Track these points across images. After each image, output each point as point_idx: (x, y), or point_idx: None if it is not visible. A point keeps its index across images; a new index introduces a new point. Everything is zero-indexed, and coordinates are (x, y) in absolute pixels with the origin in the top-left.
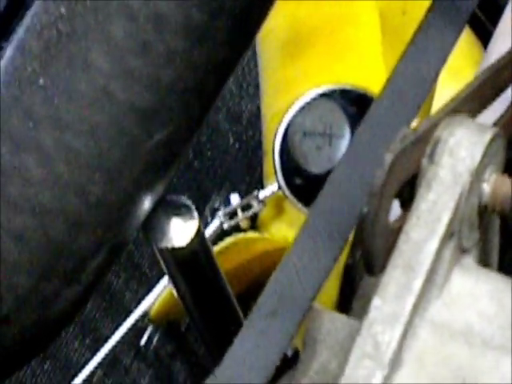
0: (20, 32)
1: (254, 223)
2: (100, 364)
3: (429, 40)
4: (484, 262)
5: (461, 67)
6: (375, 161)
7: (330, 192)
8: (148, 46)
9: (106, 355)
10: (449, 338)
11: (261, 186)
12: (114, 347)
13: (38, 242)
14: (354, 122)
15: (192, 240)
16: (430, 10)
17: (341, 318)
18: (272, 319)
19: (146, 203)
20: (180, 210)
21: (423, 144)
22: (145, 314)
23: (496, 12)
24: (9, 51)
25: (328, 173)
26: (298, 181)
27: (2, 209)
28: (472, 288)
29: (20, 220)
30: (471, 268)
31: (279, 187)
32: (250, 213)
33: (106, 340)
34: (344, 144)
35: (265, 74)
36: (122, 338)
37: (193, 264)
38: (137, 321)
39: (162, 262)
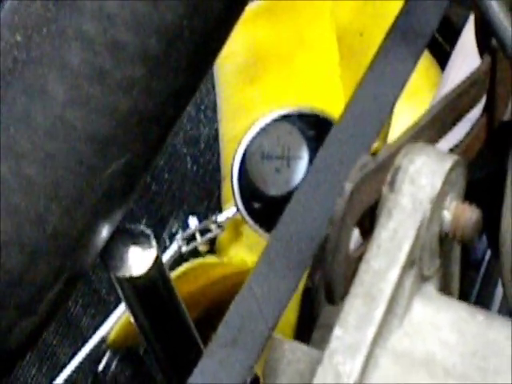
0: None
1: (213, 247)
2: None
3: (387, 65)
4: (445, 289)
5: (418, 88)
6: (335, 187)
7: (289, 220)
8: (105, 74)
9: (64, 381)
10: (410, 368)
11: (219, 209)
12: (72, 373)
13: None
14: (312, 144)
15: (150, 268)
16: (388, 34)
17: (301, 348)
18: (232, 348)
19: (104, 232)
20: (138, 239)
21: (383, 172)
22: (103, 340)
23: (453, 34)
24: None
25: (286, 195)
26: (256, 204)
27: None
28: (433, 317)
29: None
30: (432, 296)
31: (238, 211)
32: (208, 237)
33: (63, 366)
34: (302, 166)
35: (223, 97)
36: (80, 363)
37: (151, 292)
38: (95, 346)
39: (119, 291)
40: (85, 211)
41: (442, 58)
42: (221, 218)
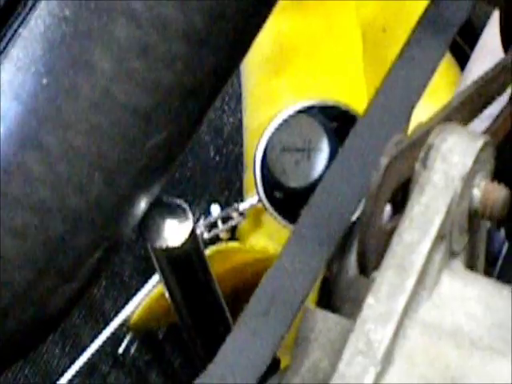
0: (24, 33)
1: (233, 235)
2: (79, 371)
3: (418, 51)
4: (471, 265)
5: (437, 87)
6: (365, 167)
7: (320, 198)
8: (150, 49)
9: (85, 363)
10: (438, 339)
11: (239, 198)
12: (93, 355)
13: (37, 238)
14: (333, 137)
15: (186, 240)
16: (418, 22)
17: (333, 318)
18: (264, 319)
19: (143, 203)
20: (175, 211)
21: (416, 149)
22: (124, 323)
23: (472, 35)
24: (12, 52)
25: (306, 187)
26: (277, 194)
27: (3, 205)
28: (460, 290)
29: (20, 217)
30: (459, 271)
31: (259, 200)
32: (230, 224)
33: (85, 347)
34: (322, 159)
35: (247, 87)
36: (101, 345)
37: (185, 264)
38: (116, 329)
39: (155, 261)
40: (126, 182)
41: (461, 59)
42: (242, 206)
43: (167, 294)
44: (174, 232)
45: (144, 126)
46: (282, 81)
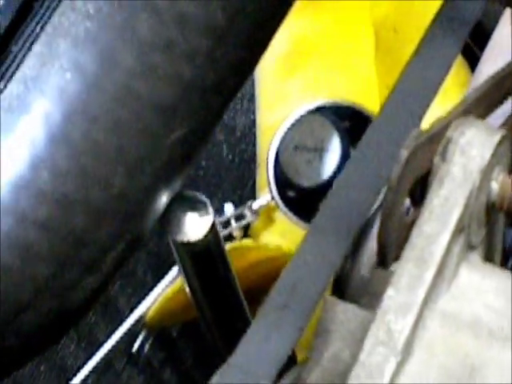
0: (47, 29)
1: (246, 233)
2: (94, 368)
3: (433, 49)
4: (488, 258)
5: (447, 87)
6: (383, 162)
7: (339, 192)
8: (171, 44)
9: (100, 360)
10: (457, 329)
11: (252, 197)
12: (108, 352)
13: (61, 231)
14: (345, 137)
15: (206, 234)
16: (433, 20)
17: (353, 309)
18: (283, 312)
19: (164, 197)
20: (196, 205)
21: (435, 144)
22: (138, 320)
23: (482, 36)
24: (36, 47)
25: (318, 187)
26: (290, 193)
27: (28, 197)
28: (479, 282)
29: (44, 209)
30: (477, 264)
31: (272, 199)
32: (243, 223)
33: (100, 344)
34: (334, 159)
35: (261, 87)
36: (116, 343)
37: (205, 258)
38: (130, 327)
39: (176, 255)
40: (147, 176)
41: (471, 60)
42: (255, 204)
43: (187, 288)
44: (195, 226)
45: (166, 121)
46: (294, 80)
